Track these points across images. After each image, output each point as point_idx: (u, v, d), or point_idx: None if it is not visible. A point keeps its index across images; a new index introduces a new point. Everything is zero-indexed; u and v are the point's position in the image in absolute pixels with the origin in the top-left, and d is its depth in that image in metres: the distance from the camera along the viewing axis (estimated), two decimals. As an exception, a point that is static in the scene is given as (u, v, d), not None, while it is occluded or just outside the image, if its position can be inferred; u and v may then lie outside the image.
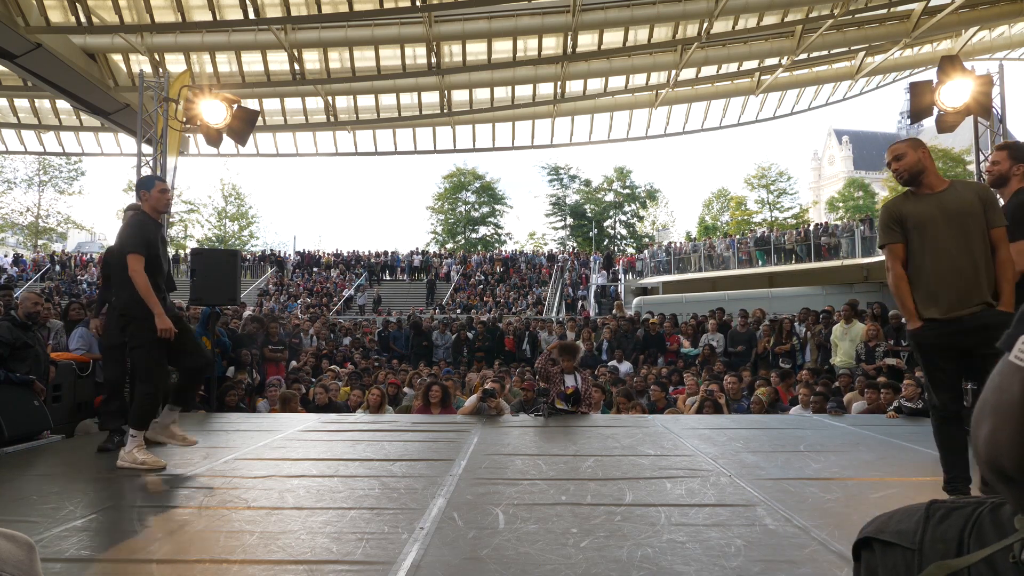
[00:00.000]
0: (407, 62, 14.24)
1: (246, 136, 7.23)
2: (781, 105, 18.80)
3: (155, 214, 4.29)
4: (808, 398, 6.97)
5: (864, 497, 3.25)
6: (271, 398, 7.79)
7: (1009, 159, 3.63)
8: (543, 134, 18.71)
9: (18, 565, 0.82)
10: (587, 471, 3.81)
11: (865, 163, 63.60)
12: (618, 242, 44.16)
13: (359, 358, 11.72)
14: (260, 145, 18.63)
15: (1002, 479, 0.69)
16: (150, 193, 4.25)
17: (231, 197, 40.70)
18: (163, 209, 4.31)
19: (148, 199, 4.25)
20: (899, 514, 0.89)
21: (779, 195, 42.02)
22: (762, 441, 4.84)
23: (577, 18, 12.75)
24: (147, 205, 4.26)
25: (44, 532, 2.70)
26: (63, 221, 38.48)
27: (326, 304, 24.80)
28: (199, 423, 5.85)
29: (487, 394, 6.27)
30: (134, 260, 3.99)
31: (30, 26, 10.92)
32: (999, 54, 16.12)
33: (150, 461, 3.93)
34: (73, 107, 15.26)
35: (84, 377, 5.90)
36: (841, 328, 8.94)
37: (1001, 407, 0.68)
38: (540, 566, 2.30)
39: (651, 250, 30.12)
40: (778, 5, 13.10)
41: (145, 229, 4.12)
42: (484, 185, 44.73)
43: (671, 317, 12.41)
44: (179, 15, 11.45)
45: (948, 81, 6.72)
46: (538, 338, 12.92)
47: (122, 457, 3.96)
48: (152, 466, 3.91)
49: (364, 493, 3.34)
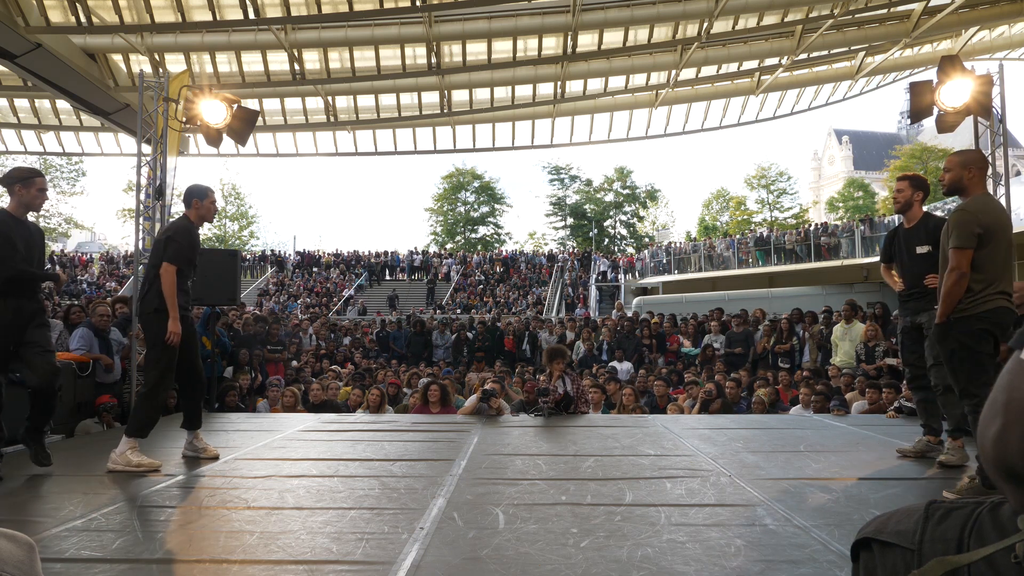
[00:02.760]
0: (407, 62, 14.23)
1: (246, 136, 7.21)
2: (781, 105, 18.79)
3: (200, 222, 4.33)
4: (808, 398, 6.97)
5: (864, 497, 3.25)
6: (271, 398, 7.79)
7: (910, 188, 4.29)
8: (543, 134, 18.72)
9: (18, 565, 0.82)
10: (587, 471, 3.81)
11: (865, 163, 63.53)
12: (618, 242, 44.15)
13: (359, 358, 11.73)
14: (260, 145, 18.62)
15: (1009, 479, 0.69)
16: (203, 203, 4.28)
17: (231, 197, 40.73)
18: (210, 219, 4.40)
19: (199, 208, 4.28)
20: (898, 514, 0.89)
21: (779, 195, 42.02)
22: (762, 441, 4.84)
23: (577, 18, 12.74)
24: (195, 213, 4.28)
25: (44, 532, 2.70)
26: (64, 221, 38.47)
27: (326, 304, 24.80)
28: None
29: (487, 394, 6.27)
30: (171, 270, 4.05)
31: (30, 26, 10.92)
32: (999, 54, 16.12)
33: (145, 463, 3.90)
34: (73, 107, 15.26)
35: (84, 377, 5.90)
36: (841, 328, 8.94)
37: (1012, 406, 0.67)
38: (540, 566, 2.30)
39: (651, 250, 30.14)
40: (778, 5, 13.09)
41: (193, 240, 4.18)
42: (483, 185, 44.71)
43: (671, 317, 12.40)
44: (179, 15, 11.44)
45: (948, 81, 6.72)
46: (538, 338, 12.91)
47: (113, 460, 3.92)
48: (148, 467, 3.88)
49: (364, 493, 3.34)
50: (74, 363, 5.82)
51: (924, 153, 35.94)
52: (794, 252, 23.64)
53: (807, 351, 9.92)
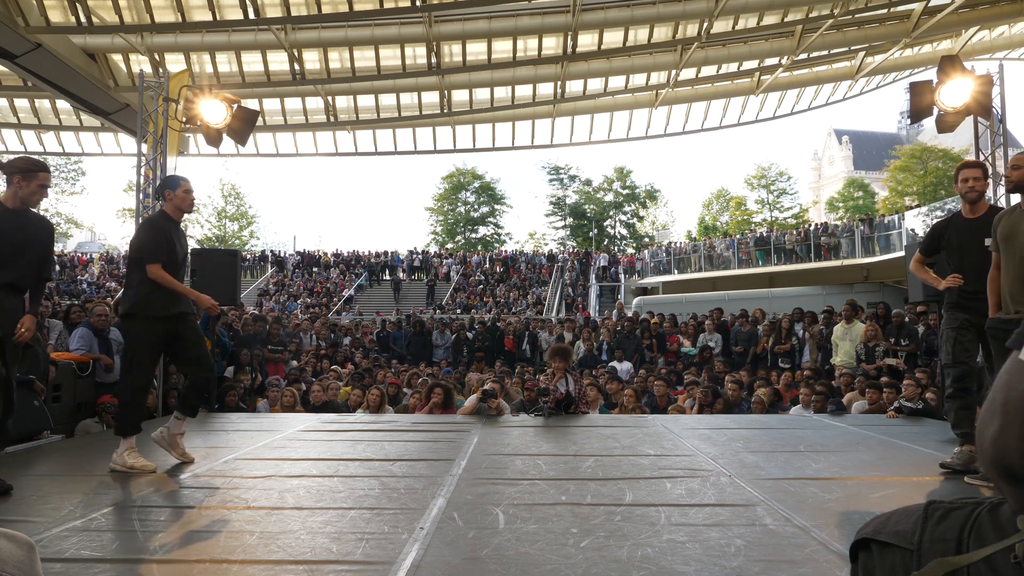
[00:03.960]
0: (407, 62, 14.24)
1: (246, 136, 7.21)
2: (781, 105, 18.81)
3: (178, 214, 4.26)
4: (808, 398, 6.97)
5: (864, 497, 3.25)
6: (271, 398, 7.79)
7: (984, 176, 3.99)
8: (543, 134, 18.74)
9: (18, 565, 0.82)
10: (587, 471, 3.81)
11: (865, 163, 63.51)
12: (618, 242, 44.14)
13: (360, 358, 11.72)
14: (260, 145, 18.64)
15: (1008, 479, 0.69)
16: (175, 193, 4.21)
17: (231, 197, 40.73)
18: (187, 209, 4.26)
19: (172, 199, 4.22)
20: (897, 515, 0.89)
21: (779, 195, 41.99)
22: (762, 441, 4.84)
23: (577, 18, 12.75)
24: (170, 205, 4.23)
25: (44, 532, 2.70)
26: (64, 221, 38.46)
27: (326, 304, 24.80)
28: (199, 423, 5.85)
29: (487, 394, 6.27)
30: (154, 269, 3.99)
31: (30, 26, 10.92)
32: (999, 54, 16.13)
33: (139, 465, 3.92)
34: (73, 107, 15.27)
35: (84, 377, 5.90)
36: (841, 328, 8.94)
37: (1010, 406, 0.68)
38: (540, 566, 2.30)
39: (651, 250, 30.15)
40: (778, 5, 13.10)
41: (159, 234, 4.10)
42: (483, 185, 44.68)
43: (671, 317, 12.40)
44: (179, 15, 11.45)
45: (948, 81, 6.72)
46: (538, 338, 12.91)
47: (114, 460, 3.96)
48: (142, 470, 3.89)
49: (364, 493, 3.34)
50: (74, 363, 5.82)
51: (924, 153, 35.89)
52: (794, 252, 23.65)
53: (807, 351, 9.92)
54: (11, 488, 3.38)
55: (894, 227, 20.80)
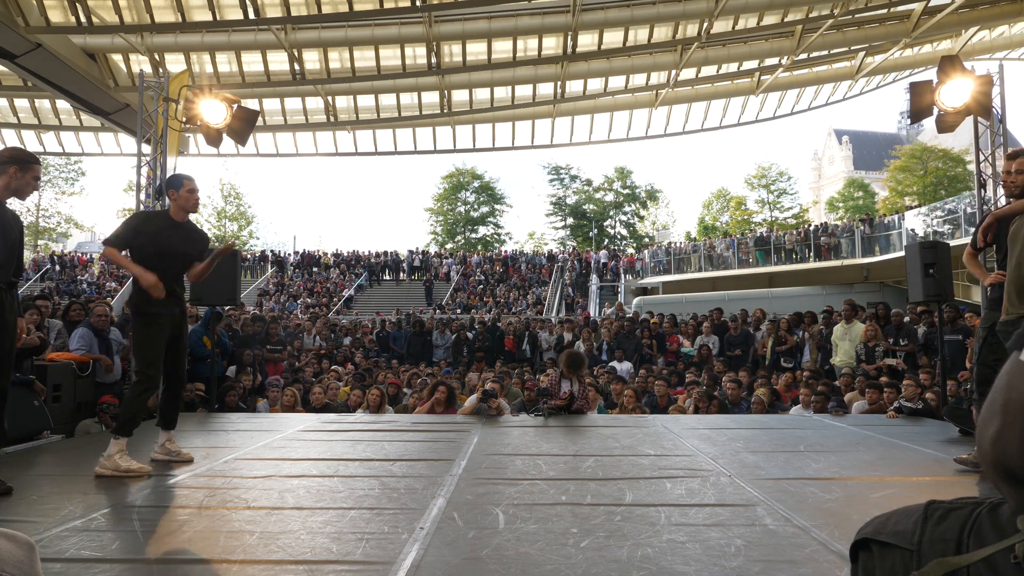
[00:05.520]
0: (407, 62, 14.24)
1: (246, 136, 7.22)
2: (781, 105, 18.82)
3: (182, 214, 4.22)
4: (808, 398, 6.97)
5: (864, 497, 3.25)
6: (271, 398, 7.79)
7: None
8: (543, 134, 18.75)
9: (18, 565, 0.82)
10: (587, 471, 3.81)
11: (865, 163, 63.53)
12: (618, 242, 44.14)
13: (360, 358, 11.72)
14: (260, 145, 18.65)
15: (1008, 479, 0.69)
16: (178, 193, 4.18)
17: (230, 197, 40.74)
18: (191, 209, 4.22)
19: (176, 199, 4.19)
20: (897, 515, 0.89)
21: (779, 195, 41.99)
22: (762, 441, 4.84)
23: (577, 18, 12.75)
24: (174, 206, 4.20)
25: (44, 532, 2.70)
26: (63, 221, 38.49)
27: (326, 304, 24.79)
28: (199, 423, 5.86)
29: (487, 394, 6.27)
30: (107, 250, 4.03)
31: (30, 26, 10.93)
32: (999, 54, 16.14)
33: (134, 468, 3.76)
34: (73, 107, 15.28)
35: (84, 377, 5.90)
36: (841, 328, 8.94)
37: (1010, 406, 0.67)
38: (540, 566, 2.30)
39: (651, 250, 30.16)
40: (778, 5, 13.11)
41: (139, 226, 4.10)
42: (483, 185, 44.69)
43: (671, 317, 12.40)
44: (179, 15, 11.46)
45: (948, 81, 6.72)
46: (538, 338, 12.91)
47: (102, 464, 3.76)
48: (137, 473, 3.75)
49: (364, 493, 3.34)
50: (74, 363, 5.82)
51: (924, 153, 35.91)
52: (794, 252, 23.66)
53: (807, 351, 9.92)
54: (11, 490, 3.35)
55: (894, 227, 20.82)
